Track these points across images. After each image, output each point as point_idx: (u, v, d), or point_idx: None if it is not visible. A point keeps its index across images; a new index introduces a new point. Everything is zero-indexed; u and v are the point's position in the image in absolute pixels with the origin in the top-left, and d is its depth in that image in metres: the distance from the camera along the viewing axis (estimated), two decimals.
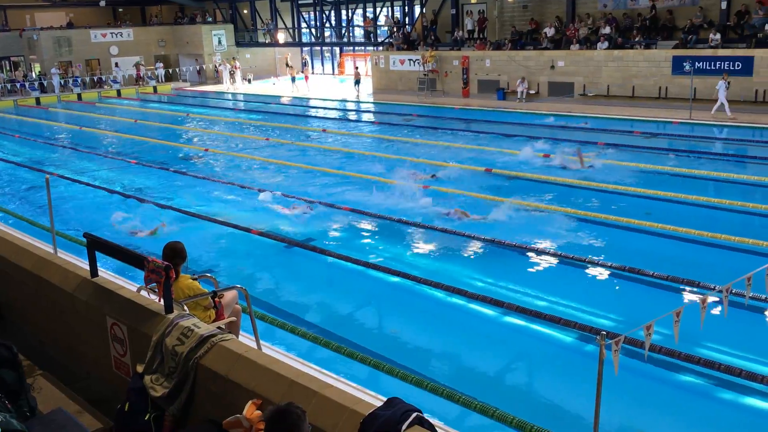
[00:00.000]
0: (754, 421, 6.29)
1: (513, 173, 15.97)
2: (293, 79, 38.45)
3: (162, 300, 4.84)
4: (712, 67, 23.35)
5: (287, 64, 41.00)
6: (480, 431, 5.98)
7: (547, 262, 10.14)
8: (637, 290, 9.10)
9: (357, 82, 34.32)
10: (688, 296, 8.59)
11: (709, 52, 23.56)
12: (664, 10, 26.38)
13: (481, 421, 6.05)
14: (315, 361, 7.13)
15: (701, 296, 5.41)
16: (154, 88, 41.81)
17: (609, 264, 9.72)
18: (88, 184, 16.71)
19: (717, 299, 6.10)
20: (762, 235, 10.65)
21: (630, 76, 25.58)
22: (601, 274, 9.63)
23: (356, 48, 44.50)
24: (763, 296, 7.96)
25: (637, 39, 26.05)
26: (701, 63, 23.41)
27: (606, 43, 26.50)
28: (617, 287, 9.29)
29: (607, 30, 26.87)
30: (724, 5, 24.64)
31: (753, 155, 16.92)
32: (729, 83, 21.33)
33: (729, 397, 6.55)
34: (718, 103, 21.46)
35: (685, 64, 23.36)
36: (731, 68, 22.93)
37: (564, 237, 11.10)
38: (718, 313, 7.82)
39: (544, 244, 10.74)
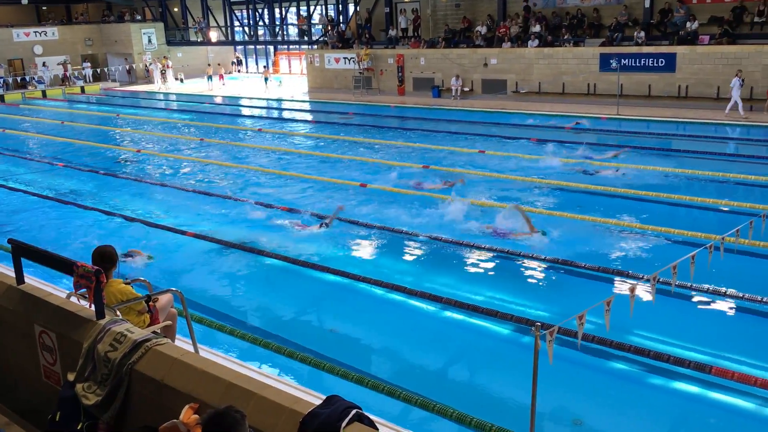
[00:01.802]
0: (682, 404, 6.54)
1: (452, 170, 16.14)
2: (266, 80, 38.03)
3: (93, 306, 4.71)
4: (638, 64, 24.15)
5: (218, 63, 40.52)
6: (421, 426, 6.02)
7: (483, 256, 10.29)
8: (570, 282, 9.34)
9: (266, 79, 35.17)
10: (618, 286, 8.86)
11: (634, 50, 24.35)
12: (590, 8, 27.13)
13: (422, 415, 6.10)
14: (255, 363, 7.07)
15: (630, 285, 5.61)
16: (82, 88, 40.51)
17: (543, 257, 9.93)
18: (12, 189, 16.08)
19: (646, 288, 6.32)
20: (686, 224, 11.09)
21: (560, 73, 26.20)
22: (536, 267, 9.83)
23: (290, 47, 44.17)
24: (689, 284, 8.29)
25: (565, 37, 26.70)
26: (627, 60, 24.17)
27: (536, 41, 27.08)
28: (551, 279, 9.50)
29: (537, 28, 27.46)
30: (647, 4, 25.50)
31: (677, 149, 17.57)
32: (743, 80, 20.76)
33: (659, 382, 6.79)
34: (732, 102, 20.79)
35: (611, 61, 24.08)
36: (655, 65, 23.77)
37: (498, 230, 11.28)
38: (646, 301, 8.13)
39: (480, 240, 10.88)
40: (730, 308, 8.26)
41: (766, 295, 8.15)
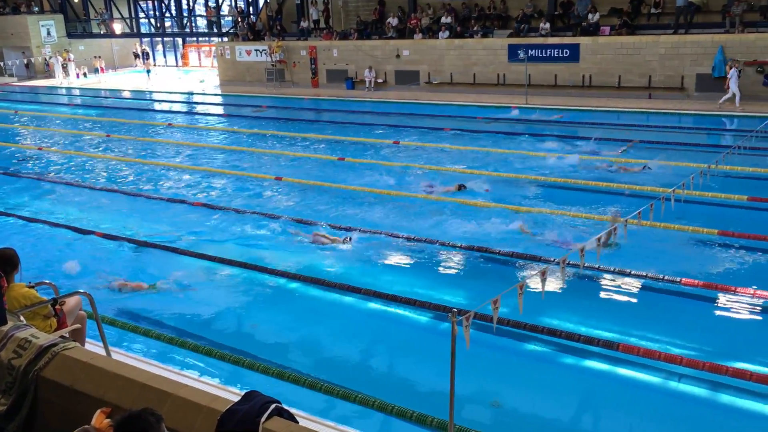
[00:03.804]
0: (593, 380, 6.82)
1: (365, 161, 16.20)
2: (149, 72, 36.83)
3: None
4: (544, 55, 24.89)
5: (136, 55, 39.24)
6: (344, 417, 6.03)
7: (400, 245, 10.38)
8: (486, 268, 9.56)
9: (149, 72, 35.17)
10: (530, 271, 9.13)
11: (540, 41, 25.08)
12: (498, 0, 27.72)
13: (345, 406, 6.12)
14: (172, 363, 6.90)
15: (541, 269, 5.79)
16: None
17: (459, 245, 10.12)
18: None
19: (556, 270, 6.53)
20: (593, 208, 11.55)
21: (471, 63, 26.69)
22: (452, 254, 10.00)
23: (200, 38, 43.15)
24: (596, 265, 8.64)
25: (475, 28, 27.20)
26: (534, 51, 24.88)
27: (447, 33, 27.47)
28: (467, 266, 9.68)
29: (447, 20, 27.85)
30: None
31: (583, 136, 18.21)
32: (741, 71, 20.50)
33: (571, 361, 7.06)
34: (730, 93, 20.46)
35: (519, 52, 24.72)
36: (560, 55, 24.57)
37: (413, 220, 11.42)
38: (557, 284, 8.43)
39: (399, 230, 10.97)
40: (635, 287, 8.66)
41: (667, 274, 8.59)
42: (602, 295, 8.65)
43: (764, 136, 15.18)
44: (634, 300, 8.47)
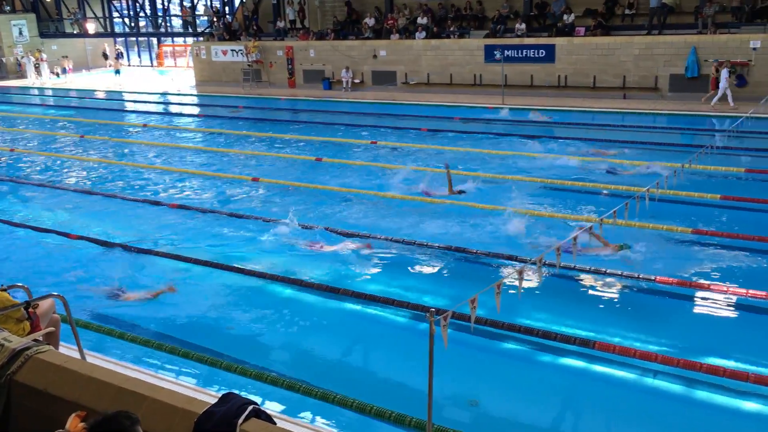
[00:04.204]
0: (570, 378, 6.87)
1: (342, 161, 16.19)
2: (117, 72, 36.42)
3: None
4: (520, 55, 25.04)
5: (105, 56, 38.75)
6: (323, 417, 6.02)
7: (378, 245, 10.37)
8: (463, 268, 9.59)
9: (117, 72, 35.26)
10: (507, 270, 9.18)
11: (516, 41, 25.23)
12: (474, 0, 27.83)
13: (323, 407, 6.11)
14: (148, 366, 6.83)
15: (518, 268, 5.83)
16: None
17: (437, 245, 10.13)
18: None
19: (533, 270, 6.57)
20: (569, 207, 11.65)
21: (447, 64, 26.77)
22: (430, 254, 10.00)
23: (175, 38, 42.80)
24: (572, 264, 8.71)
25: (451, 29, 27.29)
26: (510, 51, 25.01)
27: (423, 33, 27.53)
28: (446, 266, 9.70)
29: (424, 20, 27.92)
30: None
31: (558, 136, 18.35)
32: (731, 71, 20.45)
33: (548, 359, 7.11)
34: (721, 93, 20.49)
35: (495, 52, 24.84)
36: (536, 56, 24.74)
37: (392, 221, 11.43)
38: (534, 282, 8.49)
39: (376, 231, 10.97)
40: (611, 286, 8.74)
41: (642, 272, 8.68)
42: (578, 293, 8.71)
43: (737, 136, 15.44)
44: (610, 298, 8.55)
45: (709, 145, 12.40)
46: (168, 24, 40.57)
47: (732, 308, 7.97)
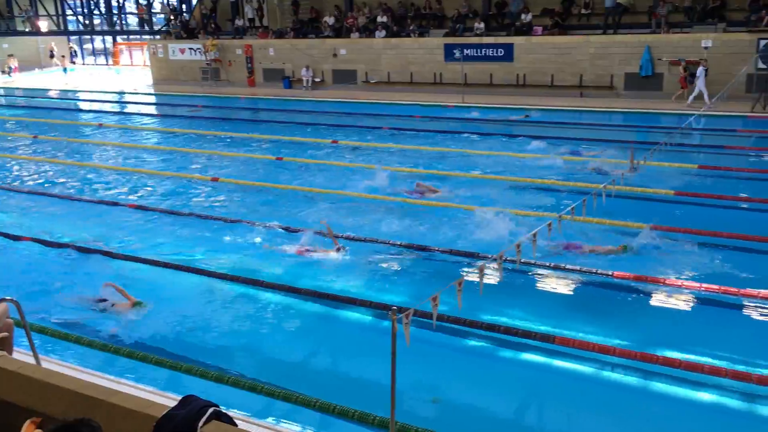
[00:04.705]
0: (531, 373, 6.96)
1: (303, 161, 16.12)
2: (65, 70, 35.61)
3: None
4: (479, 54, 25.24)
5: (52, 55, 37.86)
6: (285, 418, 5.99)
7: (339, 245, 10.35)
8: (426, 266, 9.62)
9: (65, 70, 34.91)
10: (469, 267, 9.24)
11: (475, 40, 25.42)
12: None
13: (286, 408, 6.08)
14: (106, 371, 6.70)
15: (479, 265, 5.87)
16: None
17: (398, 243, 10.15)
18: None
19: (494, 266, 6.62)
20: (528, 205, 11.79)
21: (407, 63, 26.85)
22: (393, 253, 10.02)
23: (131, 37, 42.09)
24: (532, 260, 8.82)
25: (411, 27, 27.37)
26: (469, 50, 25.20)
27: (383, 32, 27.55)
28: (408, 264, 9.71)
29: (384, 19, 27.94)
30: None
31: (518, 134, 18.51)
32: (707, 69, 20.63)
33: (509, 355, 7.18)
34: (697, 91, 20.67)
35: (455, 51, 24.99)
36: (495, 55, 24.96)
37: (353, 219, 11.42)
38: (495, 279, 8.56)
39: (334, 229, 10.94)
40: (570, 281, 8.88)
41: (600, 268, 8.83)
42: (539, 289, 8.83)
43: (689, 133, 15.80)
44: (570, 294, 8.68)
45: (663, 142, 12.66)
46: (123, 22, 39.85)
47: (687, 302, 8.16)
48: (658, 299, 8.28)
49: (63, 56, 37.91)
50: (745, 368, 6.45)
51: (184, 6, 35.72)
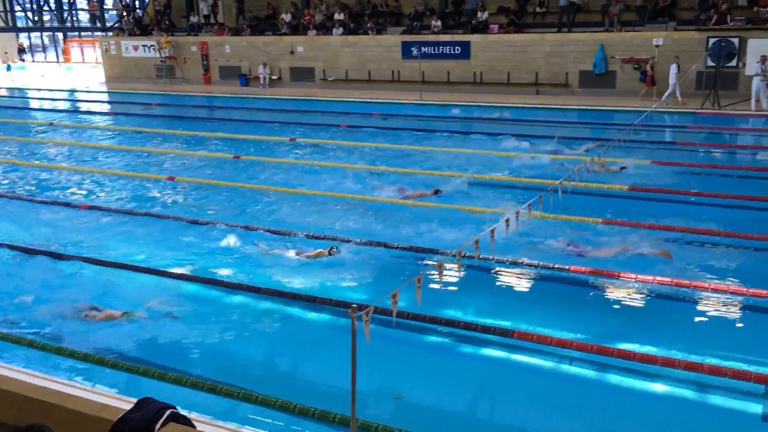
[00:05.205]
0: (491, 368, 7.02)
1: (261, 159, 15.98)
2: (9, 67, 34.64)
3: None
4: (437, 52, 25.38)
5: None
6: (245, 419, 5.93)
7: (299, 242, 10.29)
8: (385, 262, 9.63)
9: (9, 67, 34.25)
10: (428, 263, 9.28)
11: (432, 38, 25.54)
12: None
13: (246, 408, 6.01)
14: (59, 374, 6.54)
15: (438, 262, 5.89)
16: None
17: (358, 240, 10.14)
18: None
19: (452, 263, 6.66)
20: (485, 202, 11.89)
21: (365, 60, 26.84)
22: (353, 250, 9.99)
23: (82, 33, 41.16)
24: (491, 257, 8.90)
25: (368, 25, 27.36)
26: (427, 48, 25.32)
27: (341, 29, 27.48)
28: (368, 261, 9.70)
29: (341, 16, 27.87)
30: None
31: (476, 131, 18.67)
32: (679, 66, 20.77)
33: (469, 351, 7.24)
34: (670, 89, 20.92)
35: (412, 49, 25.08)
36: (452, 53, 25.12)
37: (313, 217, 11.37)
38: (454, 275, 8.61)
39: (293, 228, 10.88)
40: (528, 276, 8.98)
41: (557, 263, 8.95)
42: (498, 284, 8.91)
43: (643, 129, 16.13)
44: (528, 289, 8.78)
45: (616, 139, 12.90)
46: (75, 18, 38.95)
47: (641, 295, 8.32)
48: (614, 293, 8.44)
49: (6, 53, 36.84)
50: (697, 359, 6.61)
51: (137, 2, 35.07)
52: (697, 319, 7.89)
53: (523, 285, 8.86)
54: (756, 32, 20.94)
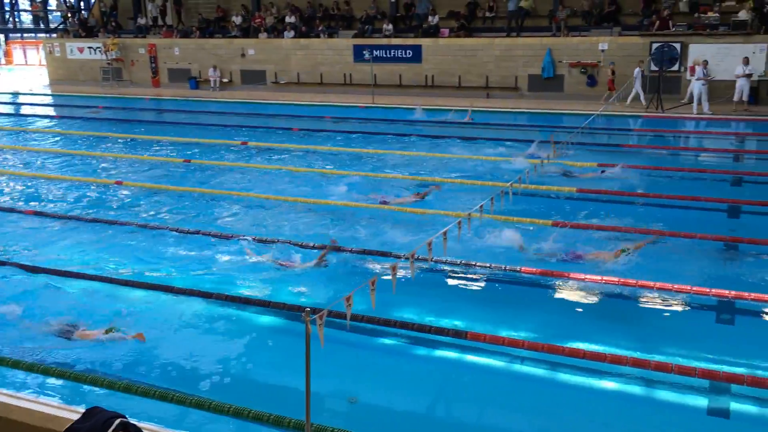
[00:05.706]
0: (444, 369, 7.07)
1: (212, 163, 15.78)
2: None
3: None
4: (388, 55, 25.49)
5: None
6: (198, 426, 5.85)
7: (251, 247, 10.21)
8: (340, 266, 9.61)
9: None
10: (382, 266, 9.29)
11: (384, 41, 25.64)
12: (342, 0, 27.99)
13: (199, 415, 5.93)
14: (4, 385, 6.33)
15: (391, 264, 5.92)
16: None
17: (311, 245, 10.09)
18: None
19: (405, 265, 6.70)
20: (440, 204, 11.99)
21: (317, 63, 26.77)
22: (307, 255, 9.94)
23: (25, 35, 40.03)
24: (444, 258, 8.97)
25: (320, 28, 27.30)
26: (378, 51, 25.40)
27: (292, 32, 27.36)
28: (322, 265, 9.66)
29: (292, 19, 27.75)
30: None
31: (430, 135, 18.77)
32: (644, 71, 21.21)
33: (423, 352, 7.28)
34: (634, 92, 21.30)
35: (364, 52, 25.13)
36: (403, 56, 25.26)
37: (265, 222, 11.28)
38: (407, 277, 8.64)
39: (244, 232, 10.78)
40: (480, 278, 9.08)
41: (508, 264, 9.08)
42: (451, 286, 8.98)
43: (589, 132, 16.47)
44: (480, 290, 8.88)
45: (564, 141, 13.14)
46: (17, 19, 37.87)
47: (590, 295, 8.50)
48: (563, 293, 8.60)
49: None
50: (644, 356, 6.78)
51: (82, 3, 34.27)
52: (643, 317, 8.09)
53: (475, 286, 8.95)
54: (697, 37, 21.62)
